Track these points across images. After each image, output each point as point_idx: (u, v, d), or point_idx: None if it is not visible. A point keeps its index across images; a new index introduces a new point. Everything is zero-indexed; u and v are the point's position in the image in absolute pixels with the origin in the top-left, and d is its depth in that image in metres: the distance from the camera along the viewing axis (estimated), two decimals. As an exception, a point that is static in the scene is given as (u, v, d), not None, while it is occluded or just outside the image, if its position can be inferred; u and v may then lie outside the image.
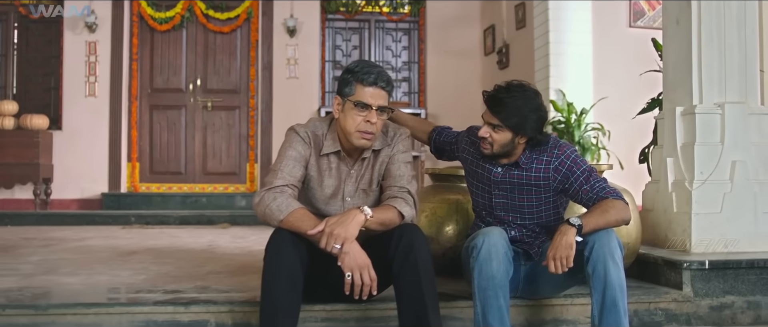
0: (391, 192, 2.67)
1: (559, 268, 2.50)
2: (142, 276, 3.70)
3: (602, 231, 2.58)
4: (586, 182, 2.75)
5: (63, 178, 8.58)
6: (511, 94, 2.70)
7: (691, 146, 3.58)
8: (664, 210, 3.66)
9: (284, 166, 2.63)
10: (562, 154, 2.80)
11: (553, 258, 2.51)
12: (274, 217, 2.51)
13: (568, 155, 2.79)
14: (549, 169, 2.80)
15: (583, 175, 2.76)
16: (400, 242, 2.50)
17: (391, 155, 2.76)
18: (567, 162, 2.78)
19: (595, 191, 2.72)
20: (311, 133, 2.71)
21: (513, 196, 2.85)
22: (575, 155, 2.81)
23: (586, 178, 2.76)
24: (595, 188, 2.73)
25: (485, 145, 2.78)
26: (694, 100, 3.62)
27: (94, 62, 8.76)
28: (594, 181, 2.76)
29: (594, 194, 2.72)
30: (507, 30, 8.42)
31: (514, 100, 2.69)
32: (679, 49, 3.72)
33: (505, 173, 2.84)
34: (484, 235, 2.60)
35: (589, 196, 2.73)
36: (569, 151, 2.81)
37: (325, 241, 2.40)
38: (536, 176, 2.81)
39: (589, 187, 2.74)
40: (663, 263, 3.34)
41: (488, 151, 2.79)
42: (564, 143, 2.86)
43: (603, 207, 2.64)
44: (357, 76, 2.61)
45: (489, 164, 2.87)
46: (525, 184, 2.83)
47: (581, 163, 2.79)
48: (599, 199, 2.70)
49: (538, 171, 2.80)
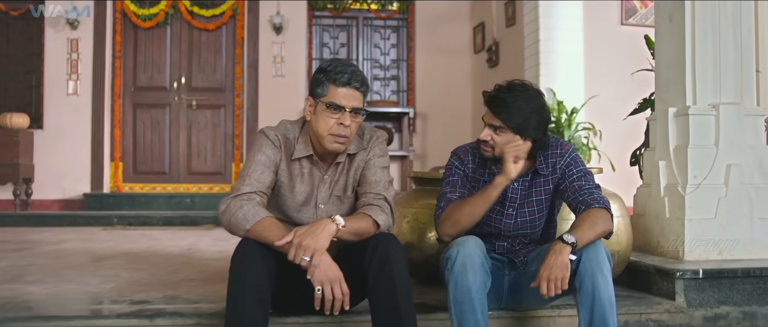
0: (367, 199, 2.51)
1: (553, 291, 2.35)
2: (112, 284, 3.54)
3: (590, 243, 2.43)
4: (579, 180, 2.63)
5: (44, 178, 8.38)
6: (514, 93, 2.55)
7: (684, 149, 3.43)
8: (656, 215, 3.51)
9: (252, 172, 2.47)
10: (565, 152, 2.69)
11: (546, 279, 2.36)
12: (240, 226, 2.35)
13: (570, 153, 2.69)
14: (557, 169, 2.68)
15: (579, 173, 2.65)
16: (375, 253, 2.35)
17: (366, 160, 2.60)
18: (569, 159, 2.68)
19: (584, 193, 2.59)
20: (282, 136, 2.55)
21: (523, 210, 2.70)
22: (576, 154, 2.72)
23: (579, 177, 2.64)
24: (585, 189, 2.60)
25: (486, 147, 2.62)
26: (687, 101, 3.47)
27: (76, 60, 8.55)
28: (586, 182, 2.63)
29: (582, 196, 2.59)
30: (497, 28, 8.28)
31: (516, 100, 2.54)
32: (672, 47, 3.58)
33: (522, 186, 2.69)
34: (459, 245, 2.45)
35: (576, 196, 2.60)
36: (570, 148, 2.71)
37: (293, 253, 2.24)
38: (554, 178, 2.69)
39: (579, 186, 2.62)
40: (655, 272, 3.19)
41: (489, 154, 2.63)
42: (563, 142, 2.75)
43: (592, 218, 2.50)
44: (329, 76, 2.45)
45: None
46: (543, 193, 2.69)
47: (580, 163, 2.69)
48: (586, 203, 2.57)
49: (552, 173, 2.68)
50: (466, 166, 2.73)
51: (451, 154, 2.79)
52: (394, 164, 9.09)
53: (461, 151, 2.77)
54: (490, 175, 2.68)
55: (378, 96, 9.34)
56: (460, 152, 2.77)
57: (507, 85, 2.59)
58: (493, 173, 2.67)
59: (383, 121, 9.14)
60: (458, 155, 2.76)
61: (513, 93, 2.56)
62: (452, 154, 2.79)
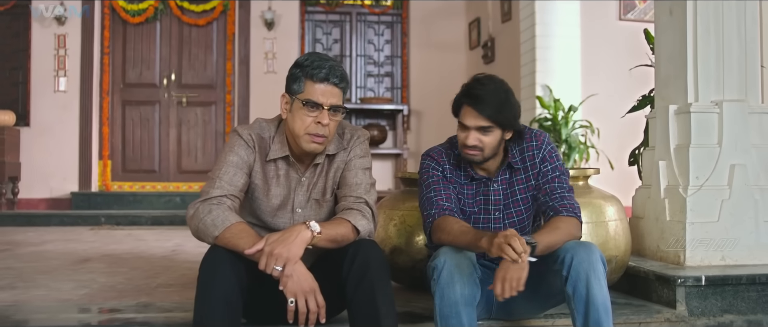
0: (346, 203, 2.34)
1: (507, 292, 2.14)
2: (85, 290, 3.36)
3: (582, 245, 2.27)
4: (553, 181, 2.47)
5: (31, 176, 8.23)
6: (488, 87, 2.39)
7: (685, 148, 3.26)
8: (656, 218, 3.34)
9: (223, 174, 2.30)
10: (541, 143, 2.53)
11: (501, 279, 2.14)
12: (208, 233, 2.18)
13: (546, 145, 2.53)
14: (536, 162, 2.51)
15: (553, 172, 2.49)
16: (354, 261, 2.18)
17: (347, 161, 2.43)
18: (544, 153, 2.52)
19: (555, 198, 2.44)
20: (256, 135, 2.38)
21: (509, 212, 2.55)
22: (552, 147, 2.55)
23: (554, 178, 2.48)
24: (556, 193, 2.45)
25: (474, 152, 2.43)
26: (689, 98, 3.30)
27: (64, 56, 8.39)
28: (559, 183, 2.47)
29: (552, 201, 2.43)
30: (492, 23, 8.11)
31: (495, 93, 2.38)
32: (673, 41, 3.41)
33: (501, 185, 2.53)
34: (446, 253, 2.28)
35: (546, 199, 2.45)
36: (546, 139, 2.55)
37: (264, 262, 2.07)
38: (534, 173, 2.52)
39: (550, 188, 2.46)
40: (655, 278, 3.02)
41: (479, 158, 2.45)
42: (538, 132, 2.57)
43: (553, 224, 2.35)
44: (306, 71, 2.28)
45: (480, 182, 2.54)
46: (527, 190, 2.53)
47: (556, 158, 2.52)
48: (555, 210, 2.41)
49: (532, 169, 2.51)
50: (443, 167, 2.55)
51: (424, 157, 2.61)
52: (387, 163, 8.94)
53: (435, 153, 2.60)
54: (467, 177, 2.53)
55: (372, 93, 9.18)
56: (434, 154, 2.60)
57: (478, 79, 2.43)
58: (471, 176, 2.51)
59: (377, 119, 8.99)
60: (432, 156, 2.59)
61: (487, 86, 2.39)
62: (425, 157, 2.61)
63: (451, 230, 2.36)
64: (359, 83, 9.20)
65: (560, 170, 2.50)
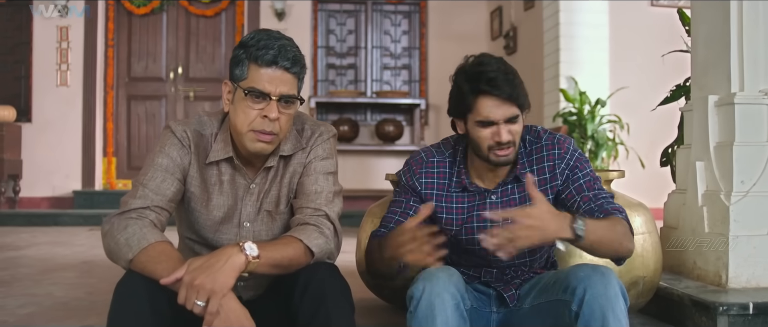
0: (301, 216, 1.88)
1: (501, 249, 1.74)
2: (32, 308, 2.97)
3: (598, 274, 1.78)
4: (590, 188, 2.00)
5: (33, 174, 7.92)
6: (493, 65, 1.93)
7: (728, 147, 2.76)
8: (693, 229, 2.84)
9: (148, 180, 1.86)
10: (565, 151, 2.04)
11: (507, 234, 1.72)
12: (120, 255, 1.74)
13: (572, 152, 2.05)
14: (556, 173, 2.03)
15: (587, 178, 2.02)
16: (306, 292, 1.73)
17: (306, 163, 1.97)
18: (573, 161, 2.04)
19: (599, 201, 1.97)
20: (193, 132, 1.93)
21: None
22: (579, 152, 2.07)
23: (589, 184, 2.01)
24: (600, 197, 1.99)
25: (506, 152, 1.96)
26: (732, 87, 2.80)
27: (66, 49, 8.05)
28: (599, 189, 2.01)
29: (597, 205, 1.96)
30: (515, 11, 7.59)
31: (504, 69, 1.93)
32: (713, 21, 2.91)
33: (500, 198, 2.05)
34: (425, 280, 1.80)
35: (590, 206, 1.97)
36: (571, 146, 2.06)
37: (183, 295, 1.61)
38: (553, 186, 2.05)
39: (592, 194, 1.99)
40: (690, 303, 2.52)
41: (512, 157, 1.99)
42: (561, 137, 2.08)
43: (611, 222, 1.89)
44: (250, 53, 1.83)
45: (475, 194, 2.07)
46: None
47: (586, 164, 2.05)
48: (605, 211, 1.95)
49: (551, 180, 2.04)
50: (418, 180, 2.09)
51: (403, 165, 2.18)
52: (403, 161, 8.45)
53: (413, 161, 2.15)
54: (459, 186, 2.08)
55: (388, 86, 8.72)
56: (412, 162, 2.15)
57: (489, 59, 1.96)
58: (464, 185, 2.06)
59: (393, 114, 8.56)
60: (410, 165, 2.14)
61: (502, 66, 1.94)
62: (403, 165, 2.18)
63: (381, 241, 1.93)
64: (375, 76, 8.75)
65: (593, 177, 2.03)
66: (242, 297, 1.97)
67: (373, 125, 8.53)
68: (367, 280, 2.81)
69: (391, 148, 8.25)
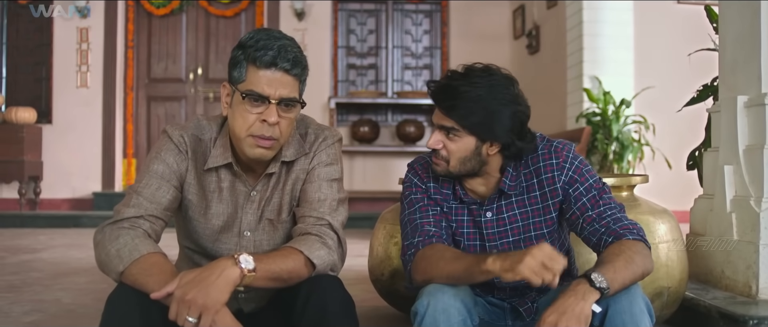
0: (303, 225, 1.78)
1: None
2: (37, 315, 2.92)
3: (621, 290, 1.65)
4: (594, 205, 1.83)
5: (53, 175, 7.94)
6: (471, 80, 1.78)
7: (759, 149, 2.63)
8: (720, 236, 2.71)
9: (143, 188, 1.76)
10: (564, 160, 1.88)
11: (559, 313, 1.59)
12: (111, 267, 1.65)
13: (571, 162, 1.88)
14: (557, 188, 1.88)
15: (590, 192, 1.85)
16: (307, 306, 1.63)
17: (309, 169, 1.87)
18: (570, 172, 1.87)
19: (606, 221, 1.81)
20: (191, 137, 1.84)
21: (509, 243, 1.94)
22: (579, 160, 1.90)
23: (593, 200, 1.84)
24: (606, 216, 1.82)
25: (437, 161, 1.87)
26: (763, 87, 2.68)
27: (86, 50, 8.07)
28: (605, 204, 1.84)
29: (604, 226, 1.80)
30: (538, 10, 7.45)
31: (476, 88, 1.77)
32: (742, 18, 2.77)
33: (495, 215, 1.93)
34: (430, 294, 1.69)
35: (595, 227, 1.82)
36: (570, 155, 1.89)
37: (174, 311, 1.52)
38: (535, 210, 1.90)
39: (596, 214, 1.83)
40: (718, 316, 2.39)
41: (442, 169, 1.87)
42: (559, 143, 1.92)
43: (627, 254, 1.70)
44: (248, 54, 1.73)
45: (470, 207, 1.95)
46: (521, 222, 1.92)
47: (588, 175, 1.87)
48: (615, 234, 1.78)
49: (552, 196, 1.89)
50: (426, 184, 1.97)
51: (407, 167, 2.05)
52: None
53: (417, 164, 2.03)
54: (455, 198, 1.94)
55: (409, 87, 8.61)
56: (416, 165, 2.03)
57: (464, 69, 1.84)
58: (459, 197, 1.92)
59: (414, 114, 8.45)
60: (415, 169, 2.02)
61: (470, 79, 1.79)
62: (408, 168, 2.04)
63: (441, 257, 1.77)
64: (396, 76, 8.64)
65: (597, 187, 1.86)
66: (244, 309, 1.89)
67: (393, 126, 8.42)
68: (381, 287, 2.72)
69: (412, 149, 8.14)
